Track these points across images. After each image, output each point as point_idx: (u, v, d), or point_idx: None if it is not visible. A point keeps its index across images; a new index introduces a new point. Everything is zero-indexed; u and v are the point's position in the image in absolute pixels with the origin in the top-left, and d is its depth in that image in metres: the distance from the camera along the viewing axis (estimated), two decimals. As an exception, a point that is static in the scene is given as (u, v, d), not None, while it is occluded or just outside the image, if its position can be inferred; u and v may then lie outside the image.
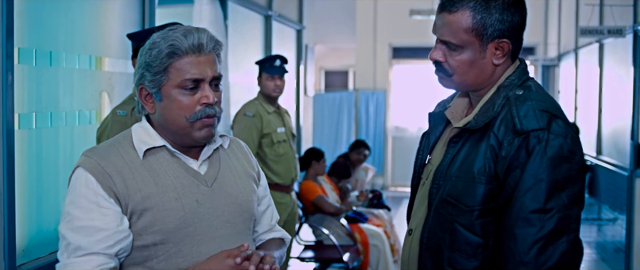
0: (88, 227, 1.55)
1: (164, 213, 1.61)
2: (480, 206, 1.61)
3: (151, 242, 1.61)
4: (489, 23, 1.64)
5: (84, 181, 1.58)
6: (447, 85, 1.74)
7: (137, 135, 1.67)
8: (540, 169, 1.53)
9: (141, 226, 1.60)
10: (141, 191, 1.60)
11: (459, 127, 1.74)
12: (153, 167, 1.64)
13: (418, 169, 1.88)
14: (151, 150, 1.65)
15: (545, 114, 1.59)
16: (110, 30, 3.13)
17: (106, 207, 1.57)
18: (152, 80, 1.62)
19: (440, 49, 1.70)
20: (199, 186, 1.67)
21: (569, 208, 1.54)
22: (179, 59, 1.60)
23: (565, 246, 1.52)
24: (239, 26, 4.85)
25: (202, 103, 1.62)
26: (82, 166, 1.60)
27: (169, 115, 1.63)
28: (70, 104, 2.82)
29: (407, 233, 1.82)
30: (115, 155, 1.63)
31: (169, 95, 1.62)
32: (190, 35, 1.61)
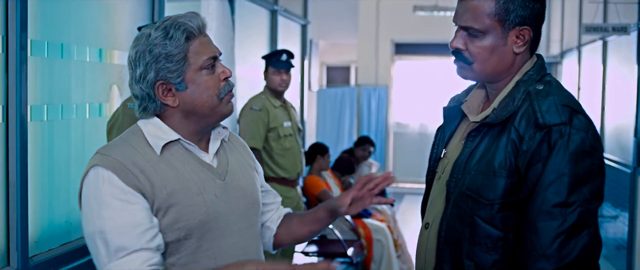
0: (124, 225, 1.50)
1: (188, 209, 1.59)
2: (500, 200, 1.62)
3: (175, 238, 1.59)
4: (512, 8, 1.66)
5: (106, 180, 1.53)
6: (466, 75, 1.74)
7: (148, 130, 1.63)
8: (563, 164, 1.54)
9: (166, 223, 1.57)
10: (166, 187, 1.57)
11: (477, 121, 1.75)
12: (171, 162, 1.61)
13: (433, 163, 1.89)
14: (166, 146, 1.62)
15: (567, 108, 1.60)
16: (120, 23, 3.13)
17: (136, 202, 1.53)
18: (175, 69, 1.59)
19: (460, 37, 1.71)
20: (215, 180, 1.66)
21: (590, 202, 1.55)
22: (193, 42, 1.61)
23: (587, 239, 1.54)
24: (246, 21, 4.85)
25: (222, 78, 1.64)
26: (100, 165, 1.55)
27: (199, 100, 1.61)
28: (81, 96, 2.82)
29: (423, 227, 1.83)
30: (131, 152, 1.58)
31: (193, 80, 1.61)
32: (192, 18, 1.62)
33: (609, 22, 6.53)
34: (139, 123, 1.67)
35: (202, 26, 1.63)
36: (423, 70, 10.83)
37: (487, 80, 1.75)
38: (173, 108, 1.64)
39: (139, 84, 1.62)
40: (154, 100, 1.63)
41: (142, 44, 1.60)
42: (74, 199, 2.74)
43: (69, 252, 2.66)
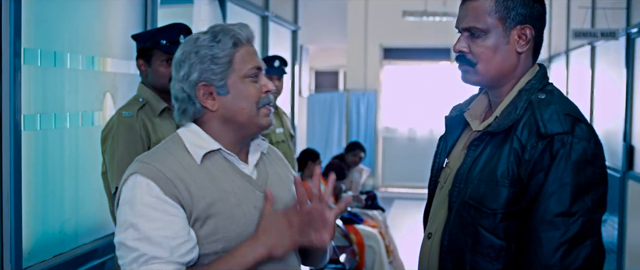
0: (159, 237, 1.49)
1: (227, 221, 1.57)
2: (503, 209, 1.61)
3: (212, 251, 1.56)
4: (512, 6, 1.67)
5: (145, 188, 1.51)
6: (470, 78, 1.74)
7: (188, 139, 1.62)
8: (565, 173, 1.54)
9: (204, 234, 1.55)
10: (205, 198, 1.55)
11: (479, 129, 1.74)
12: (211, 172, 1.60)
13: (435, 172, 1.88)
14: (206, 155, 1.61)
15: (569, 117, 1.60)
16: (113, 31, 3.11)
17: (174, 214, 1.52)
18: (219, 72, 1.60)
19: (463, 39, 1.71)
20: (254, 192, 1.65)
21: (593, 212, 1.55)
22: (240, 49, 1.62)
23: (589, 249, 1.53)
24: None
25: (264, 91, 1.64)
26: (139, 173, 1.53)
27: (237, 106, 1.61)
28: (74, 105, 2.80)
29: (425, 236, 1.82)
30: (171, 160, 1.57)
31: (235, 86, 1.61)
32: (242, 27, 1.64)
33: (597, 27, 6.58)
34: (179, 132, 1.66)
35: (250, 37, 1.65)
36: (412, 75, 10.86)
37: (491, 84, 1.74)
38: (212, 112, 1.62)
39: (182, 84, 1.62)
40: (193, 103, 1.62)
41: (189, 46, 1.62)
42: (68, 209, 2.73)
43: (63, 263, 2.64)
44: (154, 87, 2.76)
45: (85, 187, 2.88)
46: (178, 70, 1.64)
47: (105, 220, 2.95)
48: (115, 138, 2.61)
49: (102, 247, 2.92)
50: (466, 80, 1.76)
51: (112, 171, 2.60)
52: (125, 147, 2.60)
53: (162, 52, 2.72)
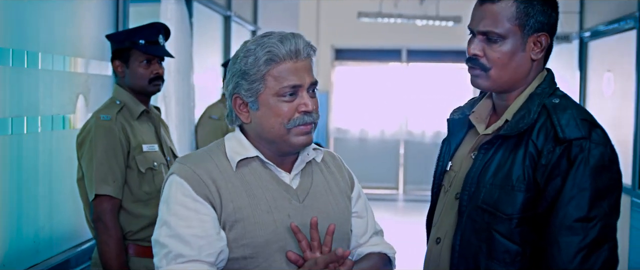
0: (188, 235, 1.52)
1: (255, 226, 1.57)
2: (519, 214, 1.60)
3: (240, 255, 1.57)
4: (532, 13, 1.65)
5: (180, 188, 1.56)
6: (481, 83, 1.71)
7: (230, 145, 1.64)
8: (584, 178, 1.54)
9: (231, 238, 1.56)
10: (233, 202, 1.57)
11: (488, 133, 1.73)
12: (245, 178, 1.60)
13: (439, 175, 1.86)
14: (244, 161, 1.62)
15: (586, 122, 1.61)
16: (85, 31, 2.99)
17: (205, 213, 1.55)
18: (249, 88, 1.58)
19: (478, 43, 1.68)
20: (290, 200, 1.62)
21: (610, 216, 1.57)
22: (277, 66, 1.56)
23: (607, 254, 1.55)
24: (202, 26, 4.74)
25: (300, 111, 1.57)
26: (176, 173, 1.58)
27: (266, 124, 1.59)
28: (47, 107, 2.67)
29: (433, 241, 1.80)
30: (209, 163, 1.60)
31: (266, 103, 1.58)
32: (286, 41, 1.56)
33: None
34: (225, 137, 1.68)
35: (294, 51, 1.56)
36: (363, 75, 10.90)
37: (501, 90, 1.73)
38: (246, 124, 1.63)
39: (225, 90, 1.66)
40: (232, 110, 1.64)
41: (237, 52, 1.62)
42: (43, 217, 2.61)
43: (38, 274, 2.51)
44: (131, 89, 2.66)
45: (60, 193, 2.75)
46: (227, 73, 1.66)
47: (80, 228, 2.83)
48: (93, 142, 2.51)
49: (77, 256, 2.80)
50: (476, 84, 1.74)
51: (90, 177, 2.50)
52: (104, 151, 2.50)
53: (140, 53, 2.63)
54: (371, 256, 1.76)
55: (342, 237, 1.69)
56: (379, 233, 1.84)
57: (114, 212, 2.50)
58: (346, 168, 1.81)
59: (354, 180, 1.80)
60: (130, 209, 2.56)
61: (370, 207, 1.83)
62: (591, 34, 5.81)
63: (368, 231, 1.79)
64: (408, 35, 10.16)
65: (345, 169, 1.80)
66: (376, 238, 1.81)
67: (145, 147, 2.61)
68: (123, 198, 2.54)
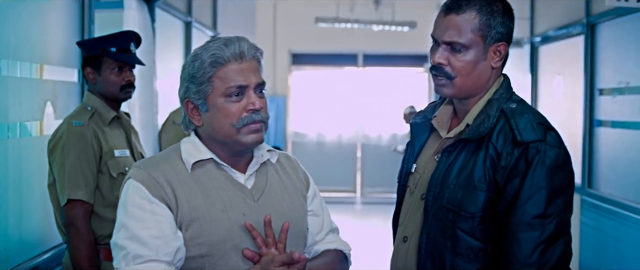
0: (146, 236, 1.58)
1: (210, 225, 1.62)
2: (481, 212, 1.71)
3: (197, 254, 1.62)
4: (493, 25, 1.76)
5: (136, 191, 1.62)
6: (446, 90, 1.81)
7: (185, 148, 1.70)
8: (540, 178, 1.66)
9: (188, 237, 1.61)
10: (189, 202, 1.63)
11: (451, 137, 1.83)
12: (200, 179, 1.66)
13: (404, 177, 1.95)
14: (199, 163, 1.68)
15: (542, 126, 1.73)
16: (52, 38, 2.99)
17: (161, 214, 1.60)
18: (197, 91, 1.65)
19: (443, 52, 1.78)
20: (245, 200, 1.68)
21: (564, 213, 1.69)
22: (222, 68, 1.63)
23: (563, 248, 1.67)
24: (164, 32, 4.77)
25: (248, 109, 1.64)
26: (133, 177, 1.64)
27: (216, 124, 1.65)
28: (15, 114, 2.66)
29: (400, 240, 1.89)
30: (165, 166, 1.66)
31: (215, 104, 1.65)
32: (231, 44, 1.64)
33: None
34: (181, 142, 1.74)
35: (239, 53, 1.64)
36: (320, 80, 11.00)
37: (464, 96, 1.83)
38: (199, 127, 1.70)
39: (178, 96, 1.72)
40: (185, 116, 1.72)
41: (188, 59, 1.69)
42: (12, 225, 2.62)
43: (9, 280, 2.52)
44: (102, 96, 2.69)
45: (29, 199, 2.76)
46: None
47: (50, 233, 2.84)
48: (65, 148, 2.53)
49: (46, 261, 2.81)
50: (441, 92, 1.84)
51: (62, 182, 2.52)
52: (76, 157, 2.52)
53: (112, 60, 2.66)
54: (327, 253, 1.83)
55: (298, 234, 1.74)
56: (335, 231, 1.90)
57: (86, 216, 2.52)
58: (302, 169, 1.87)
59: (310, 181, 1.86)
60: (101, 213, 2.58)
61: (326, 206, 1.90)
62: (542, 39, 6.04)
63: (324, 229, 1.85)
64: (364, 40, 10.30)
65: (300, 170, 1.86)
66: (332, 235, 1.87)
67: (116, 152, 2.64)
68: (95, 203, 2.56)
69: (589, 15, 4.96)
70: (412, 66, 10.68)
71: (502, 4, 1.78)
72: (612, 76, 4.70)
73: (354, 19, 8.60)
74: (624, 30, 4.54)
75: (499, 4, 1.78)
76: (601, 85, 4.89)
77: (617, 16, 4.55)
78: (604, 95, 4.85)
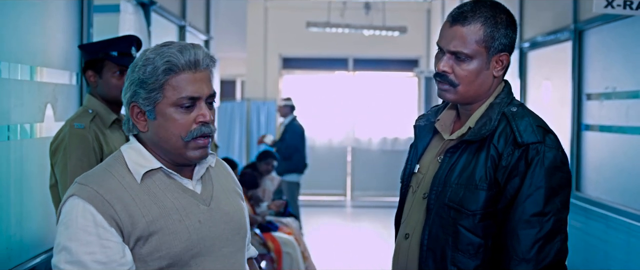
0: (90, 261, 1.48)
1: (170, 236, 1.57)
2: (482, 210, 1.79)
3: (157, 267, 1.56)
4: (497, 36, 1.84)
5: (80, 211, 1.51)
6: (449, 96, 1.89)
7: (129, 157, 1.62)
8: (539, 178, 1.74)
9: (147, 251, 1.55)
10: (145, 216, 1.55)
11: (453, 138, 1.91)
12: (152, 190, 1.59)
13: (407, 177, 2.02)
14: (147, 173, 1.60)
15: (541, 129, 1.81)
16: (52, 40, 3.03)
17: (107, 238, 1.50)
18: (146, 97, 1.57)
19: (448, 61, 1.86)
20: (198, 206, 1.64)
21: (562, 211, 1.77)
22: (175, 76, 1.56)
23: (559, 244, 1.75)
24: (159, 36, 4.81)
25: (198, 121, 1.59)
26: (77, 195, 1.53)
27: (163, 134, 1.59)
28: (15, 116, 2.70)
29: (402, 237, 1.96)
30: (111, 181, 1.56)
31: (163, 113, 1.58)
32: (186, 51, 1.57)
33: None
34: (122, 149, 1.65)
35: (194, 62, 1.57)
36: (310, 84, 11.06)
37: (467, 102, 1.92)
38: (143, 133, 1.62)
39: (123, 98, 1.64)
40: (128, 119, 1.64)
41: (137, 60, 1.60)
42: (12, 225, 2.65)
43: (10, 280, 2.55)
44: (103, 99, 2.74)
45: (30, 200, 2.79)
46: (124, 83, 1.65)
47: (50, 234, 2.87)
48: (67, 150, 2.58)
49: (47, 261, 2.84)
50: (444, 97, 1.92)
51: (64, 184, 2.56)
52: (78, 159, 2.57)
53: (113, 64, 2.71)
54: (250, 262, 1.89)
55: (244, 235, 1.76)
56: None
57: (87, 217, 2.56)
58: (232, 172, 1.86)
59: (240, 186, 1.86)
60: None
61: None
62: (530, 44, 6.12)
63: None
64: (355, 45, 10.39)
65: (232, 173, 1.86)
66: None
67: (117, 154, 2.68)
68: (95, 204, 2.61)
69: (577, 22, 5.04)
70: (402, 71, 10.78)
71: (506, 16, 1.86)
72: (600, 81, 4.78)
73: (345, 24, 8.68)
74: (611, 36, 4.62)
75: (503, 16, 1.85)
76: (589, 90, 4.97)
77: (604, 23, 4.62)
78: (591, 100, 4.93)
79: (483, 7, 1.84)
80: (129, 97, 1.60)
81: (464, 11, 1.84)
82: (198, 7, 6.23)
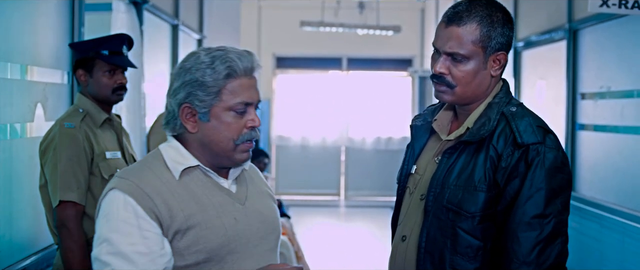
0: (132, 252, 1.53)
1: (207, 231, 1.61)
2: (481, 212, 1.76)
3: (194, 261, 1.60)
4: (493, 36, 1.80)
5: (122, 204, 1.56)
6: (447, 98, 1.86)
7: (168, 155, 1.66)
8: (539, 179, 1.71)
9: (184, 245, 1.59)
10: (183, 210, 1.60)
11: (451, 139, 1.88)
12: (189, 186, 1.64)
13: (404, 179, 1.99)
14: (185, 171, 1.65)
15: (541, 129, 1.78)
16: (42, 39, 2.99)
17: (148, 230, 1.55)
18: (203, 100, 1.61)
19: (444, 62, 1.83)
20: (234, 204, 1.69)
21: (562, 213, 1.74)
22: (233, 81, 1.61)
23: (560, 247, 1.73)
24: (152, 35, 4.77)
25: (248, 126, 1.64)
26: (117, 188, 1.58)
27: (215, 137, 1.63)
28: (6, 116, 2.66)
29: (399, 239, 1.93)
30: (150, 176, 1.61)
31: (218, 116, 1.62)
32: (243, 57, 1.63)
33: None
34: (160, 147, 1.69)
35: (250, 67, 1.63)
36: (304, 83, 11.03)
37: (464, 103, 1.88)
38: (191, 133, 1.65)
39: (170, 98, 1.65)
40: (176, 119, 1.65)
41: (189, 62, 1.63)
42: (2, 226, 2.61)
43: (0, 281, 2.51)
44: (94, 98, 2.71)
45: (19, 201, 2.75)
46: (171, 82, 1.66)
47: (40, 235, 2.84)
48: (57, 150, 2.54)
49: (37, 263, 2.81)
50: (441, 98, 1.89)
51: (54, 184, 2.53)
52: (68, 159, 2.54)
53: (104, 63, 2.68)
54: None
55: (278, 235, 1.80)
56: None
57: (78, 218, 2.54)
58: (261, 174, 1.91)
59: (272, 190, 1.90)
60: (93, 215, 2.59)
61: None
62: (524, 44, 6.11)
63: None
64: (349, 44, 10.36)
65: (262, 175, 1.90)
66: None
67: (108, 154, 2.66)
68: (86, 205, 2.58)
69: (572, 21, 5.03)
70: (396, 70, 10.75)
71: (502, 14, 1.82)
72: (594, 81, 4.77)
73: (339, 23, 8.65)
74: (606, 35, 4.61)
75: (499, 14, 1.82)
76: (583, 90, 4.96)
77: (599, 22, 4.61)
78: (586, 100, 4.92)
79: (478, 6, 1.81)
80: (182, 98, 1.62)
81: (459, 11, 1.81)
82: (191, 5, 6.19)
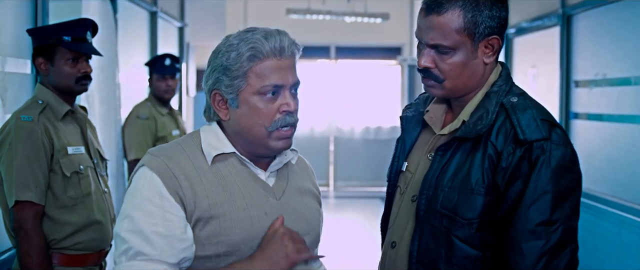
0: (151, 232, 1.46)
1: (230, 223, 1.51)
2: (479, 218, 1.56)
3: (214, 253, 1.51)
4: (480, 21, 1.59)
5: (148, 182, 1.49)
6: (437, 93, 1.67)
7: (206, 138, 1.58)
8: (545, 181, 1.51)
9: (205, 235, 1.50)
10: (209, 198, 1.51)
11: (445, 133, 1.68)
12: (221, 173, 1.55)
13: (394, 176, 1.80)
14: (220, 156, 1.56)
15: (546, 123, 1.57)
16: (2, 26, 2.78)
17: (170, 211, 1.48)
18: (229, 85, 1.52)
19: (428, 55, 1.62)
20: (267, 198, 1.58)
21: (571, 218, 1.54)
22: (260, 63, 1.51)
23: (569, 256, 1.52)
24: (127, 22, 4.56)
25: (282, 111, 1.53)
26: (147, 166, 1.51)
27: (246, 123, 1.54)
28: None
29: (389, 245, 1.74)
30: (182, 157, 1.54)
31: (247, 101, 1.52)
32: (271, 37, 1.52)
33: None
34: (201, 129, 1.62)
35: (279, 48, 1.52)
36: (291, 73, 10.85)
37: (458, 95, 1.68)
38: (225, 121, 1.57)
39: (204, 85, 1.59)
40: (210, 106, 1.59)
41: (219, 46, 1.55)
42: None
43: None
44: (56, 88, 2.51)
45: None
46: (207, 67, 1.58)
47: (-1, 237, 2.64)
48: (13, 145, 2.35)
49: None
50: (431, 93, 1.69)
51: (9, 182, 2.34)
52: (25, 155, 2.35)
53: (67, 50, 2.48)
54: None
55: (315, 239, 1.68)
56: None
57: (36, 219, 2.36)
58: (314, 176, 1.79)
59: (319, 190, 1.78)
60: (54, 215, 2.41)
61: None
62: (516, 30, 5.96)
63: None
64: (336, 32, 10.16)
65: (314, 176, 1.79)
66: None
67: (70, 149, 2.46)
68: (46, 204, 2.40)
69: (565, 6, 4.88)
70: (385, 58, 10.58)
71: None
72: (589, 68, 4.63)
73: (326, 11, 8.45)
74: (601, 21, 4.47)
75: None
76: (577, 77, 4.82)
77: (593, 7, 4.48)
78: (580, 88, 4.78)
79: None
80: (211, 84, 1.56)
81: None
82: (171, -9, 5.98)
